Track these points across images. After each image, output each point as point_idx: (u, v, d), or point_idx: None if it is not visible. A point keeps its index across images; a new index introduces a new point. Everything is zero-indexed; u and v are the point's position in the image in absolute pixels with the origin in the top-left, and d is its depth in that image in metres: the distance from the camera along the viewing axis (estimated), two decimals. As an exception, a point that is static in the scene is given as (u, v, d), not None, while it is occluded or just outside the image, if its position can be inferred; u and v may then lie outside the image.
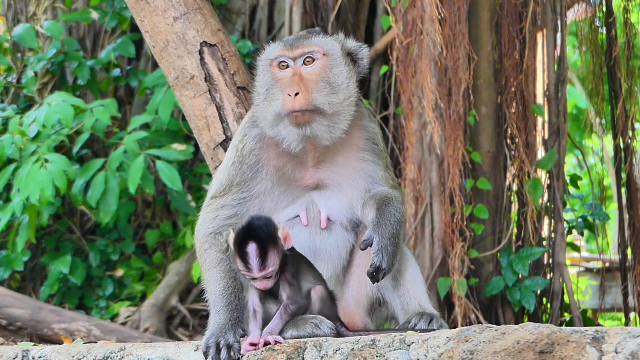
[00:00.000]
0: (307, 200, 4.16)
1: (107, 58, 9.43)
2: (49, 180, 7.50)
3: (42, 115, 7.72)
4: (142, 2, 5.08)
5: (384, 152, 4.33)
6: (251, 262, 3.69)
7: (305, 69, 4.08)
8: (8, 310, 7.85)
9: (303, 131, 4.01)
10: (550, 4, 7.07)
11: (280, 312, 3.76)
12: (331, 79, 4.08)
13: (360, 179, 4.22)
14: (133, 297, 9.02)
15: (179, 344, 3.94)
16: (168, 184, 7.82)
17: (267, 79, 4.14)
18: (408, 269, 4.24)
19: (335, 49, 4.14)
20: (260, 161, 4.15)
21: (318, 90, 4.04)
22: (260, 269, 3.70)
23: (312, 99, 4.00)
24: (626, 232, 7.38)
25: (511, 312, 6.80)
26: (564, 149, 7.09)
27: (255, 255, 3.69)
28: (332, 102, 4.05)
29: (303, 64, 4.08)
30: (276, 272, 3.76)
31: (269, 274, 3.72)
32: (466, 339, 3.32)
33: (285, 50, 4.10)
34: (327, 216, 4.16)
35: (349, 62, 4.18)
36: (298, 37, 4.20)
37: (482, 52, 6.88)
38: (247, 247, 3.71)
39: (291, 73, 4.06)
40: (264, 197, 4.15)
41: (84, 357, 3.97)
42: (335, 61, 4.12)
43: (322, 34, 4.20)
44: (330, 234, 4.16)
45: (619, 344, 3.08)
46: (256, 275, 3.72)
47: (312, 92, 4.01)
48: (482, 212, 6.71)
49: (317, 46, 4.10)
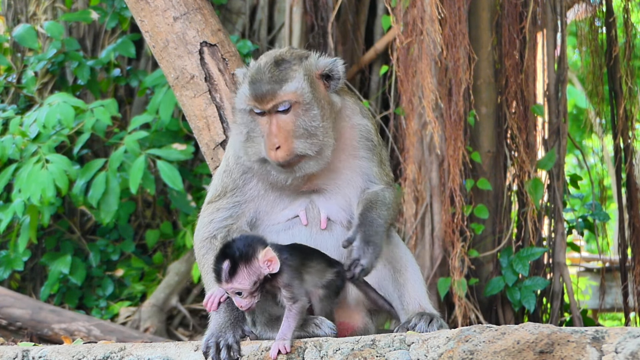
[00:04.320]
0: (307, 201, 4.16)
1: (107, 58, 9.43)
2: (50, 180, 7.50)
3: (42, 115, 7.72)
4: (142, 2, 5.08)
5: (379, 147, 4.30)
6: (220, 274, 3.75)
7: (280, 117, 3.98)
8: (8, 310, 7.85)
9: (292, 173, 4.02)
10: (550, 4, 7.07)
11: (287, 316, 3.76)
12: (307, 124, 3.99)
13: (357, 177, 4.22)
14: (133, 297, 9.02)
15: (179, 344, 3.94)
16: (169, 184, 7.82)
17: (245, 121, 4.06)
18: (408, 269, 4.25)
19: (306, 92, 4.00)
20: (252, 171, 4.16)
21: (297, 138, 3.97)
22: (227, 281, 3.73)
23: (293, 149, 3.96)
24: (626, 232, 7.38)
25: (511, 312, 6.80)
26: (564, 149, 7.09)
27: (224, 269, 3.74)
28: (313, 143, 4.00)
29: (277, 112, 3.99)
30: (252, 294, 3.76)
31: (238, 290, 3.74)
32: (466, 339, 3.32)
33: (256, 102, 3.99)
34: (327, 216, 4.16)
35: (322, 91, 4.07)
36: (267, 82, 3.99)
37: (482, 52, 6.88)
38: (220, 261, 3.77)
39: (268, 121, 3.99)
40: (259, 201, 4.17)
41: (84, 357, 3.97)
42: (309, 105, 4.00)
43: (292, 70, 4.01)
44: (331, 233, 4.16)
45: (619, 344, 3.08)
46: (223, 286, 3.77)
47: (292, 142, 3.96)
48: (482, 212, 6.71)
49: (286, 96, 3.97)
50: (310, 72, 4.05)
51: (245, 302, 3.77)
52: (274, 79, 3.99)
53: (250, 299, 3.77)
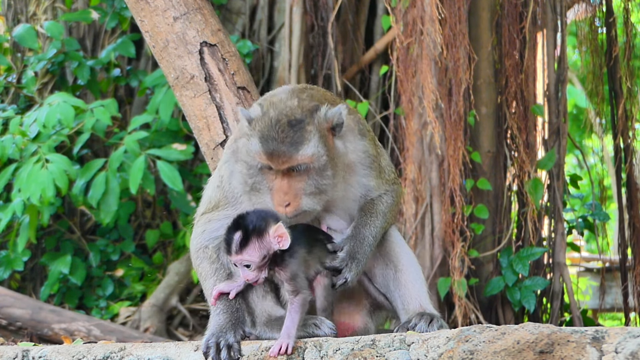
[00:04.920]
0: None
1: (107, 58, 9.43)
2: (50, 180, 7.50)
3: (42, 115, 7.72)
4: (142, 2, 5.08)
5: (377, 158, 4.28)
6: (231, 245, 3.77)
7: (292, 175, 3.93)
8: (8, 310, 7.85)
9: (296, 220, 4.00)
10: (550, 4, 7.07)
11: (290, 311, 3.76)
12: (319, 183, 3.95)
13: (357, 190, 4.22)
14: (133, 297, 9.02)
15: (179, 344, 3.94)
16: (169, 184, 7.82)
17: (251, 173, 3.98)
18: (410, 269, 4.25)
19: (322, 155, 3.93)
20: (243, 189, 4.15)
21: (307, 195, 3.94)
22: (237, 252, 3.75)
23: (301, 205, 3.93)
24: (626, 232, 7.38)
25: (511, 312, 6.80)
26: (564, 149, 7.10)
27: (235, 240, 3.76)
28: (321, 199, 3.99)
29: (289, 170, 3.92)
30: (259, 268, 3.77)
31: (247, 262, 3.75)
32: (466, 339, 3.32)
33: (270, 161, 3.89)
34: (327, 226, 4.16)
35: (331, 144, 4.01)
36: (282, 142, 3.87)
37: (482, 52, 6.88)
38: (232, 232, 3.79)
39: (278, 177, 3.92)
40: None
41: (84, 357, 3.97)
42: (322, 166, 3.93)
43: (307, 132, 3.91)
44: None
45: (619, 344, 3.08)
46: (233, 257, 3.77)
47: (301, 199, 3.93)
48: (482, 212, 6.71)
49: (303, 159, 3.89)
50: (322, 128, 3.97)
51: (252, 275, 3.77)
52: (290, 140, 3.88)
53: (257, 272, 3.78)
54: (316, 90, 4.23)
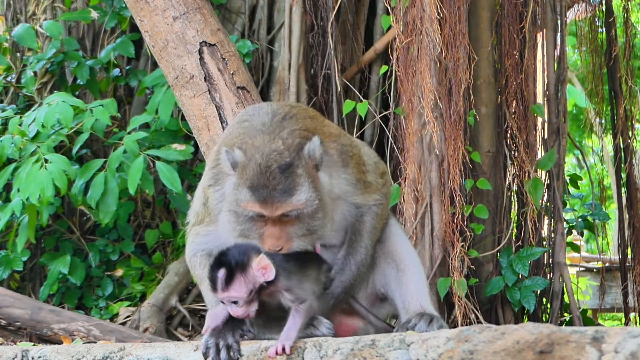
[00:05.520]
0: None
1: (107, 58, 9.42)
2: (49, 180, 7.49)
3: (42, 115, 7.71)
4: (142, 2, 5.08)
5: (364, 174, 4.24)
6: (216, 283, 3.73)
7: (283, 220, 3.88)
8: (7, 310, 7.83)
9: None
10: (550, 4, 7.07)
11: (293, 314, 3.74)
12: (310, 225, 3.90)
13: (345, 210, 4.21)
14: (133, 297, 9.01)
15: (178, 344, 3.94)
16: (168, 186, 7.81)
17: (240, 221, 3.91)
18: (411, 268, 4.25)
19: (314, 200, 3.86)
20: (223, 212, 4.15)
21: (298, 236, 3.91)
22: (223, 290, 3.71)
23: (292, 246, 3.90)
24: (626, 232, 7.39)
25: (511, 312, 6.80)
26: (564, 149, 7.10)
27: (220, 277, 3.72)
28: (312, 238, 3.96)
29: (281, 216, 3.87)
30: (248, 303, 3.73)
31: (234, 299, 3.72)
32: (466, 339, 3.31)
33: (262, 209, 3.82)
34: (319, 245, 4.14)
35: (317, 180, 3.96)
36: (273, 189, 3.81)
37: (482, 52, 6.88)
38: (215, 269, 3.75)
39: (269, 224, 3.87)
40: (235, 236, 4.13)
41: (83, 357, 3.97)
42: (314, 208, 3.88)
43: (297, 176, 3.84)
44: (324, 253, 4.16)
45: (619, 344, 3.08)
46: (219, 295, 3.74)
47: (292, 241, 3.90)
48: (482, 212, 6.71)
49: (296, 206, 3.83)
50: (309, 168, 3.92)
51: (242, 311, 3.74)
52: (282, 187, 3.81)
53: (246, 307, 3.74)
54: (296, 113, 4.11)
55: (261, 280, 3.73)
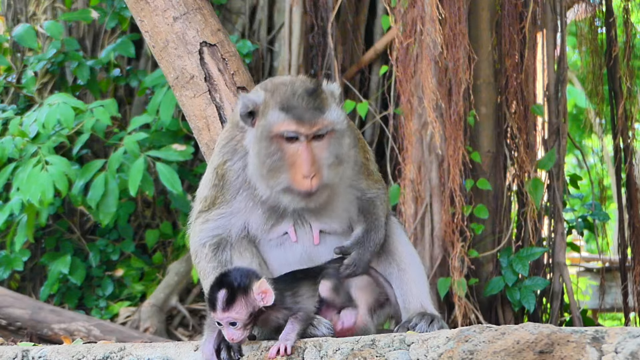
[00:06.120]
0: (295, 217, 4.13)
1: (107, 58, 9.43)
2: (50, 182, 7.49)
3: (42, 116, 7.71)
4: (142, 2, 5.07)
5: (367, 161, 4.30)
6: (217, 303, 3.66)
7: (315, 144, 3.93)
8: (8, 310, 7.85)
9: (307, 203, 3.97)
10: (550, 4, 7.07)
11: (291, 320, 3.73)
12: (339, 151, 3.97)
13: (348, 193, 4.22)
14: (133, 297, 9.02)
15: (178, 344, 3.94)
16: (168, 187, 7.82)
17: (272, 149, 3.93)
18: (412, 268, 4.25)
19: (342, 120, 3.99)
20: (241, 187, 4.13)
21: (328, 167, 3.94)
22: (223, 310, 3.64)
23: (324, 178, 3.92)
24: (626, 232, 7.39)
25: (511, 312, 6.80)
26: (564, 149, 7.10)
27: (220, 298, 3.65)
28: (338, 172, 3.99)
29: (313, 139, 3.93)
30: (245, 326, 3.67)
31: (233, 321, 3.66)
32: (466, 339, 3.32)
33: (298, 126, 3.88)
34: (319, 230, 4.14)
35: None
36: (307, 108, 3.93)
37: (482, 52, 6.88)
38: (216, 290, 3.70)
39: (302, 149, 3.90)
40: (247, 215, 4.12)
41: (83, 357, 3.97)
42: (342, 131, 3.99)
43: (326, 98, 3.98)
44: (324, 247, 4.15)
45: (619, 344, 3.08)
46: (219, 316, 3.66)
47: (323, 170, 3.93)
48: (482, 212, 6.71)
49: (329, 122, 3.93)
50: (336, 99, 4.05)
51: (238, 334, 3.66)
52: (313, 106, 3.91)
53: (243, 331, 3.67)
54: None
55: (260, 304, 3.69)
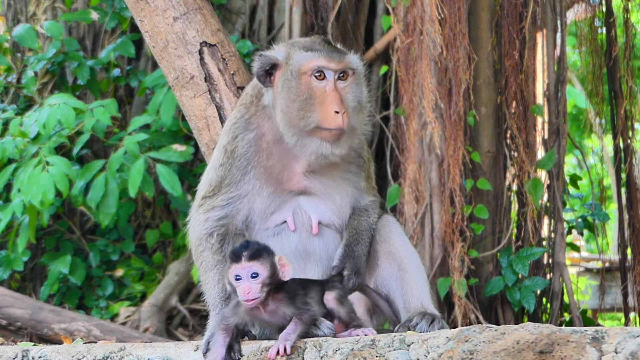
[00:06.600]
0: (294, 205, 4.15)
1: (107, 58, 9.43)
2: (51, 183, 7.48)
3: (43, 116, 7.70)
4: (142, 2, 5.08)
5: (368, 163, 4.36)
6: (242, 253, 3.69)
7: (340, 84, 4.06)
8: (8, 310, 7.84)
9: (330, 149, 4.01)
10: (550, 4, 7.07)
11: (295, 321, 3.73)
12: (360, 96, 4.10)
13: (347, 187, 4.25)
14: (133, 297, 9.02)
15: (179, 344, 3.94)
16: (168, 189, 7.82)
17: (301, 89, 4.02)
18: (413, 268, 4.25)
19: (360, 63, 4.16)
20: (251, 163, 4.13)
21: (352, 109, 4.05)
22: (248, 259, 3.67)
23: (349, 119, 4.01)
24: (626, 232, 7.39)
25: (511, 312, 6.80)
26: (564, 149, 7.10)
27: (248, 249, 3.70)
28: (359, 120, 4.10)
29: (338, 79, 4.05)
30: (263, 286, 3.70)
31: (256, 272, 3.68)
32: (466, 339, 3.32)
33: (326, 61, 4.02)
34: (318, 221, 4.15)
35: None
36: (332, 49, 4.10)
37: (482, 52, 6.88)
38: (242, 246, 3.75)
39: (330, 87, 4.01)
40: (253, 198, 4.13)
41: (84, 357, 3.97)
42: (362, 79, 4.15)
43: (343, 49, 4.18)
44: (321, 239, 4.17)
45: (619, 344, 3.08)
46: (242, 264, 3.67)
47: (348, 111, 4.01)
48: (482, 212, 6.71)
49: (352, 62, 4.10)
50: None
51: (256, 289, 3.65)
52: (335, 48, 4.11)
53: (260, 290, 3.67)
54: None
55: (279, 273, 3.74)
